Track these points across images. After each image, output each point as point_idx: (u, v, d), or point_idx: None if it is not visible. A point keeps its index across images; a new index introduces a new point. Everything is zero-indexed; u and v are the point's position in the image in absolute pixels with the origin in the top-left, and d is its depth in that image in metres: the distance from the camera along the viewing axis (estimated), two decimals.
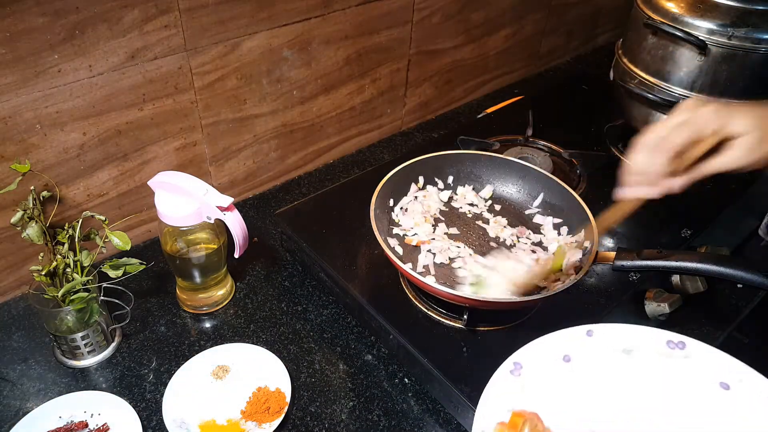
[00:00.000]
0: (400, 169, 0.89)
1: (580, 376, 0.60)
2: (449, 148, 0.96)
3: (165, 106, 0.87)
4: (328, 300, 0.90)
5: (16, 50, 0.71)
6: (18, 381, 0.77)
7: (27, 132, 0.76)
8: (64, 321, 0.76)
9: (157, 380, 0.77)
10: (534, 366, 0.60)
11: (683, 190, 0.65)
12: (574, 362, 0.61)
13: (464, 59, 1.30)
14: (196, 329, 0.85)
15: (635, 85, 1.02)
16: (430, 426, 0.74)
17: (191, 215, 0.77)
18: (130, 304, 0.78)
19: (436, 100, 1.32)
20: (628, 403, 0.58)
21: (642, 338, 0.61)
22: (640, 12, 1.00)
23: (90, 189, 0.87)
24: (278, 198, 1.09)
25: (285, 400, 0.73)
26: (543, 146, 1.14)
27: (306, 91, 1.05)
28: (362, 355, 0.82)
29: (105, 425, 0.71)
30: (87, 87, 0.78)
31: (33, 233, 0.72)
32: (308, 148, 1.13)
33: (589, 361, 0.61)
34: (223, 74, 0.91)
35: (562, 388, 0.59)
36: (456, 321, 0.78)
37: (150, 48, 0.81)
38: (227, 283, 0.89)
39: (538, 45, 1.47)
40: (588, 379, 0.60)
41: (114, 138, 0.85)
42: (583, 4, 1.51)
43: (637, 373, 0.60)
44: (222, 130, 0.97)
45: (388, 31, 1.10)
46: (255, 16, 0.90)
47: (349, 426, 0.74)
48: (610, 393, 0.59)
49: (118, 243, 0.75)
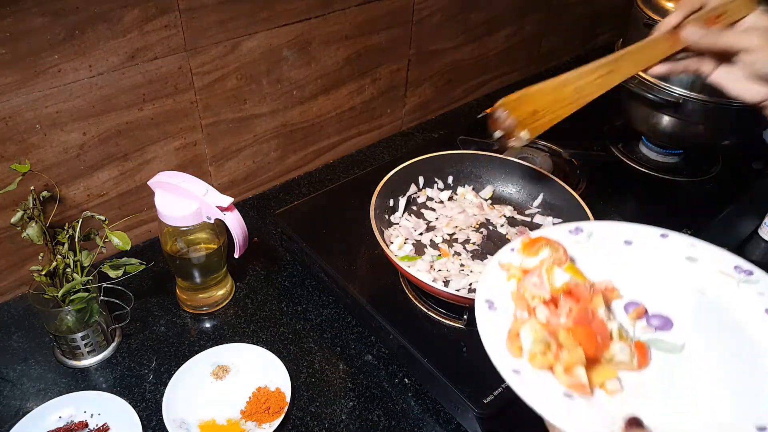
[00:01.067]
0: (400, 169, 0.89)
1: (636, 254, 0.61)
2: (449, 148, 0.96)
3: (165, 106, 0.87)
4: (328, 300, 0.90)
5: (16, 50, 0.71)
6: (18, 381, 0.77)
7: (27, 132, 0.76)
8: (64, 321, 0.76)
9: (157, 380, 0.77)
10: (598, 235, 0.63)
11: (698, 45, 0.67)
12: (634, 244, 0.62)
13: (464, 59, 1.30)
14: (196, 329, 0.85)
15: (635, 85, 1.02)
16: (430, 426, 0.74)
17: (191, 215, 0.77)
18: (130, 304, 0.78)
19: (436, 100, 1.32)
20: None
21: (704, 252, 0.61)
22: (640, 12, 1.00)
23: (90, 189, 0.87)
24: (278, 198, 1.09)
25: (285, 400, 0.73)
26: (543, 146, 1.14)
27: (306, 91, 1.05)
28: (362, 355, 0.82)
29: (105, 425, 0.71)
30: (87, 87, 0.78)
31: (33, 233, 0.72)
32: (308, 148, 1.13)
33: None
34: (223, 74, 0.91)
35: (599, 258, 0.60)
36: (456, 321, 0.78)
37: (150, 48, 0.81)
38: (227, 283, 0.89)
39: (538, 45, 1.47)
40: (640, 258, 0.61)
41: (114, 138, 0.85)
42: (583, 4, 1.51)
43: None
44: (222, 130, 0.97)
45: (388, 31, 1.10)
46: (255, 16, 0.90)
47: (349, 426, 0.74)
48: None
49: (118, 243, 0.75)
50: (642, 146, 1.18)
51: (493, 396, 0.69)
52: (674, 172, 1.13)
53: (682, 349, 0.54)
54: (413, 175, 0.93)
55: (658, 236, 0.62)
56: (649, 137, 1.16)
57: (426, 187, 0.95)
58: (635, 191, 1.10)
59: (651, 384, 0.50)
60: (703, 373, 0.51)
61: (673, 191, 1.09)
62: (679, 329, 0.55)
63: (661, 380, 0.51)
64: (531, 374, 0.47)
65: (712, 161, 1.17)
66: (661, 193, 1.09)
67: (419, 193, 0.94)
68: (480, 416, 0.69)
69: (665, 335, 0.55)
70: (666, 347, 0.54)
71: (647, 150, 1.17)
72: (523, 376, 0.47)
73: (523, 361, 0.48)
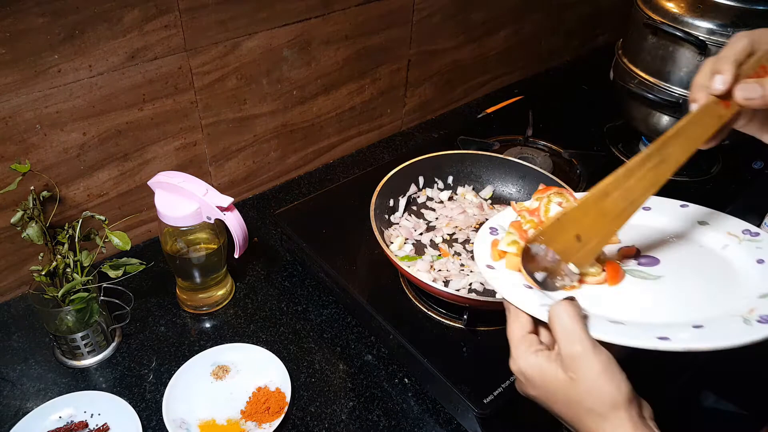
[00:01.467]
0: (400, 169, 0.89)
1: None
2: (449, 148, 0.96)
3: (165, 106, 0.87)
4: (328, 300, 0.90)
5: (16, 50, 0.71)
6: (18, 381, 0.77)
7: (27, 132, 0.76)
8: (64, 321, 0.76)
9: (157, 380, 0.77)
10: None
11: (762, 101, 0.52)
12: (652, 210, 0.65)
13: (464, 59, 1.30)
14: (196, 329, 0.85)
15: (635, 85, 1.02)
16: (430, 426, 0.74)
17: (191, 215, 0.77)
18: (130, 304, 0.78)
19: (436, 100, 1.32)
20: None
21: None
22: (640, 12, 1.00)
23: (90, 189, 0.87)
24: (278, 198, 1.09)
25: (285, 400, 0.73)
26: (543, 146, 1.14)
27: (306, 91, 1.05)
28: (362, 355, 0.82)
29: (105, 425, 0.71)
30: (87, 87, 0.78)
31: (33, 233, 0.72)
32: (308, 148, 1.13)
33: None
34: (223, 74, 0.91)
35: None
36: (456, 321, 0.78)
37: (150, 48, 0.81)
38: (227, 283, 0.89)
39: (538, 45, 1.47)
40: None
41: (114, 138, 0.85)
42: (583, 4, 1.51)
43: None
44: (222, 130, 0.97)
45: (388, 31, 1.10)
46: (255, 16, 0.90)
47: (349, 426, 0.74)
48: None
49: (118, 243, 0.75)
50: (642, 146, 1.18)
51: (493, 396, 0.69)
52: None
53: (658, 278, 0.57)
54: (413, 175, 0.93)
55: (677, 206, 0.66)
56: (649, 137, 1.16)
57: (426, 187, 0.95)
58: None
59: (611, 295, 0.56)
60: (667, 292, 0.56)
61: (673, 191, 1.09)
62: (664, 266, 0.59)
63: (620, 293, 0.56)
64: (502, 272, 0.58)
65: (712, 161, 1.17)
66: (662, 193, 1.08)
67: (419, 193, 0.94)
68: (480, 416, 0.69)
69: (647, 269, 0.59)
70: (642, 275, 0.58)
71: None
72: (496, 272, 0.58)
73: (500, 263, 0.59)
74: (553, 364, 0.48)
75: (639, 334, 0.48)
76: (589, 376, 0.46)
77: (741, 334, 0.46)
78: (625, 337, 0.47)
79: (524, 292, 0.55)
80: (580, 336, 0.47)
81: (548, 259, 0.57)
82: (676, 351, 0.46)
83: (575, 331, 0.47)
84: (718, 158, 1.17)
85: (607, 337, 0.47)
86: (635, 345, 0.47)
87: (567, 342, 0.47)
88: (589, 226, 0.56)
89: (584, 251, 0.56)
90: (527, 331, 0.52)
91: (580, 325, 0.47)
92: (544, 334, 0.53)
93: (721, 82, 0.52)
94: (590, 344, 0.47)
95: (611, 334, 0.48)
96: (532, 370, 0.50)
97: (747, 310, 0.50)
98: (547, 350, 0.50)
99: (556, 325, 0.48)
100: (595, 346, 0.47)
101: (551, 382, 0.48)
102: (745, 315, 0.49)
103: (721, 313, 0.51)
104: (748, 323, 0.48)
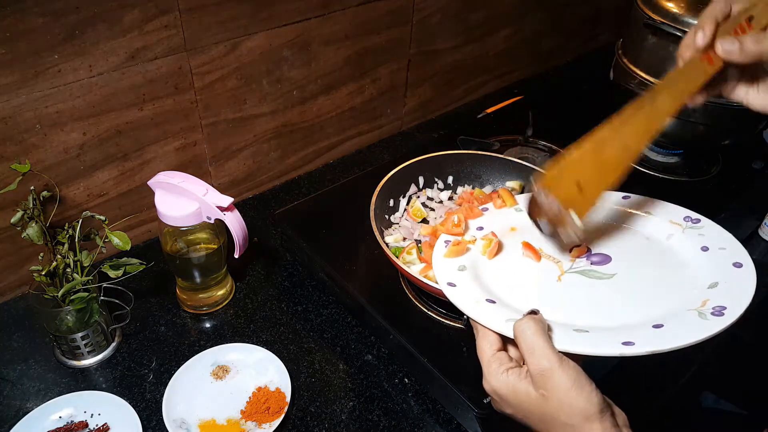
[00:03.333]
0: (400, 169, 0.89)
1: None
2: (449, 148, 0.96)
3: (165, 106, 0.87)
4: (328, 300, 0.90)
5: (16, 50, 0.71)
6: (18, 381, 0.77)
7: (27, 132, 0.76)
8: (64, 321, 0.76)
9: (157, 380, 0.77)
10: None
11: (741, 57, 0.56)
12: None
13: (464, 59, 1.30)
14: (196, 329, 0.85)
15: (635, 85, 1.02)
16: (430, 426, 0.74)
17: (191, 215, 0.77)
18: (130, 304, 0.78)
19: (436, 100, 1.32)
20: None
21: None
22: (640, 12, 1.00)
23: (90, 189, 0.87)
24: (278, 198, 1.09)
25: (285, 400, 0.73)
26: (543, 146, 1.14)
27: (306, 91, 1.05)
28: (362, 355, 0.82)
29: (105, 425, 0.71)
30: (87, 87, 0.78)
31: (33, 233, 0.72)
32: (308, 148, 1.13)
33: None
34: (223, 74, 0.91)
35: None
36: (456, 321, 0.78)
37: (150, 48, 0.81)
38: (227, 283, 0.89)
39: (538, 45, 1.47)
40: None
41: (114, 138, 0.85)
42: (583, 4, 1.51)
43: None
44: (222, 130, 0.97)
45: (388, 31, 1.10)
46: (255, 16, 0.90)
47: (349, 426, 0.74)
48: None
49: (118, 243, 0.75)
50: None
51: None
52: (674, 172, 1.13)
53: (611, 277, 0.59)
54: (413, 175, 0.93)
55: (620, 198, 0.68)
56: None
57: (426, 187, 0.95)
58: (635, 191, 1.10)
59: (567, 299, 0.57)
60: (622, 291, 0.57)
61: (673, 191, 1.09)
62: (615, 263, 0.61)
63: (578, 297, 0.57)
64: (464, 288, 0.60)
65: (712, 161, 1.17)
66: (661, 193, 1.08)
67: (419, 193, 0.94)
68: (480, 416, 0.69)
69: (600, 268, 0.60)
70: (595, 276, 0.60)
71: (647, 150, 1.17)
72: (458, 290, 0.59)
73: (461, 278, 0.61)
74: (524, 381, 0.49)
75: (604, 340, 0.49)
76: (560, 390, 0.46)
77: (699, 330, 0.48)
78: (591, 346, 0.48)
79: (488, 308, 0.55)
80: (546, 352, 0.47)
81: (552, 208, 0.58)
82: (641, 355, 0.47)
83: (541, 347, 0.47)
84: (718, 158, 1.17)
85: (573, 348, 0.48)
86: (602, 354, 0.48)
87: (534, 359, 0.47)
88: (588, 173, 0.58)
89: (584, 199, 0.58)
90: (496, 349, 0.52)
91: (545, 340, 0.47)
92: (512, 350, 0.53)
93: (701, 37, 0.56)
94: (557, 359, 0.47)
95: (577, 344, 0.48)
96: (506, 390, 0.50)
97: (700, 302, 0.52)
98: (518, 367, 0.50)
99: (522, 342, 0.48)
100: (562, 360, 0.47)
101: (524, 400, 0.49)
102: (700, 309, 0.51)
103: (677, 308, 0.52)
104: (704, 317, 0.50)
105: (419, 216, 0.90)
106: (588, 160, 0.58)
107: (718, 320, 0.49)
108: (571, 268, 0.61)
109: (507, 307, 0.55)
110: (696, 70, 0.58)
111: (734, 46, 0.55)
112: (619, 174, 0.58)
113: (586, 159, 0.58)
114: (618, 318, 0.53)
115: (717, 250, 0.59)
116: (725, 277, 0.55)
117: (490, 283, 0.61)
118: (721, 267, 0.56)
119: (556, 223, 0.59)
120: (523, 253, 0.65)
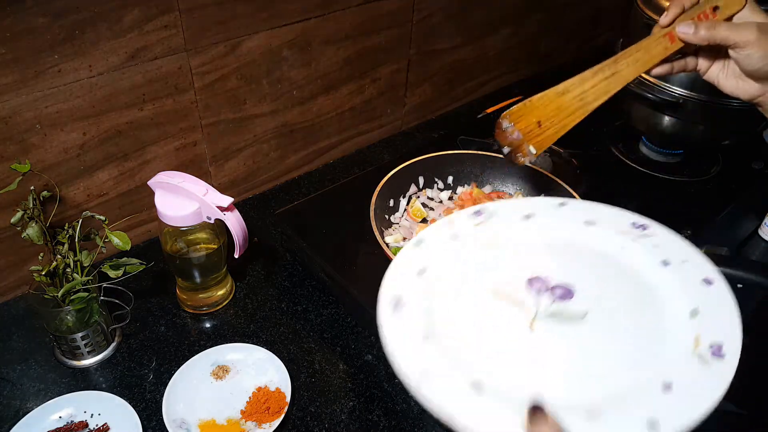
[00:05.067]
0: (400, 169, 0.89)
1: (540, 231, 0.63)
2: (449, 148, 0.96)
3: (165, 106, 0.87)
4: (328, 300, 0.90)
5: (16, 50, 0.71)
6: (18, 381, 0.77)
7: (27, 132, 0.76)
8: (64, 321, 0.76)
9: (157, 380, 0.77)
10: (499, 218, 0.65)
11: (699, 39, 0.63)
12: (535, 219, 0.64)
13: (464, 59, 1.30)
14: (196, 329, 0.85)
15: (635, 85, 1.02)
16: (430, 426, 0.74)
17: (191, 215, 0.77)
18: (130, 304, 0.78)
19: (436, 100, 1.32)
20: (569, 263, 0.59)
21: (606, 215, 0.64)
22: (640, 12, 1.00)
23: (90, 189, 0.87)
24: (278, 198, 1.09)
25: (285, 400, 0.73)
26: None
27: (306, 91, 1.05)
28: (362, 355, 0.82)
29: (105, 425, 0.71)
30: (87, 87, 0.78)
31: (33, 233, 0.72)
32: (308, 148, 1.13)
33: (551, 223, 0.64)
34: (223, 74, 0.91)
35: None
36: None
37: (150, 48, 0.81)
38: (227, 283, 0.89)
39: (538, 45, 1.47)
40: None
41: (114, 138, 0.85)
42: (583, 4, 1.51)
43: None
44: (222, 130, 0.97)
45: (388, 31, 1.10)
46: (255, 16, 0.90)
47: (349, 426, 0.74)
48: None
49: (118, 243, 0.75)
50: (642, 146, 1.18)
51: None
52: (674, 172, 1.13)
53: (585, 316, 0.53)
54: (413, 175, 0.93)
55: (556, 205, 0.65)
56: (649, 137, 1.16)
57: (426, 187, 0.95)
58: (635, 191, 1.10)
59: (553, 358, 0.50)
60: (607, 337, 0.52)
61: (673, 191, 1.09)
62: (582, 296, 0.55)
63: (561, 352, 0.51)
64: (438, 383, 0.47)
65: (712, 161, 1.17)
66: (662, 193, 1.09)
67: (419, 193, 0.94)
68: None
69: (567, 304, 0.54)
70: (568, 316, 0.53)
71: (647, 150, 1.17)
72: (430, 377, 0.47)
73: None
74: None
75: (626, 424, 0.43)
76: None
77: (711, 383, 0.44)
78: None
79: (480, 404, 0.46)
80: None
81: (513, 137, 0.74)
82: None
83: None
84: (718, 158, 1.17)
85: None
86: None
87: None
88: (549, 114, 0.72)
89: (543, 136, 0.73)
90: None
91: None
92: None
93: (665, 16, 0.66)
94: None
95: None
96: None
97: (692, 340, 0.48)
98: None
99: None
100: None
101: None
102: (699, 352, 0.47)
103: (674, 355, 0.48)
104: (705, 362, 0.46)
105: (419, 216, 0.90)
106: (550, 104, 0.72)
107: (722, 364, 0.46)
108: (538, 314, 0.54)
109: (497, 395, 0.46)
110: (659, 46, 0.67)
111: (689, 29, 0.63)
112: (574, 120, 0.71)
113: (548, 103, 0.72)
114: (619, 378, 0.47)
115: (679, 263, 0.56)
116: (701, 300, 0.52)
117: (458, 347, 0.51)
118: (691, 287, 0.53)
119: (515, 151, 0.75)
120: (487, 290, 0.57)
